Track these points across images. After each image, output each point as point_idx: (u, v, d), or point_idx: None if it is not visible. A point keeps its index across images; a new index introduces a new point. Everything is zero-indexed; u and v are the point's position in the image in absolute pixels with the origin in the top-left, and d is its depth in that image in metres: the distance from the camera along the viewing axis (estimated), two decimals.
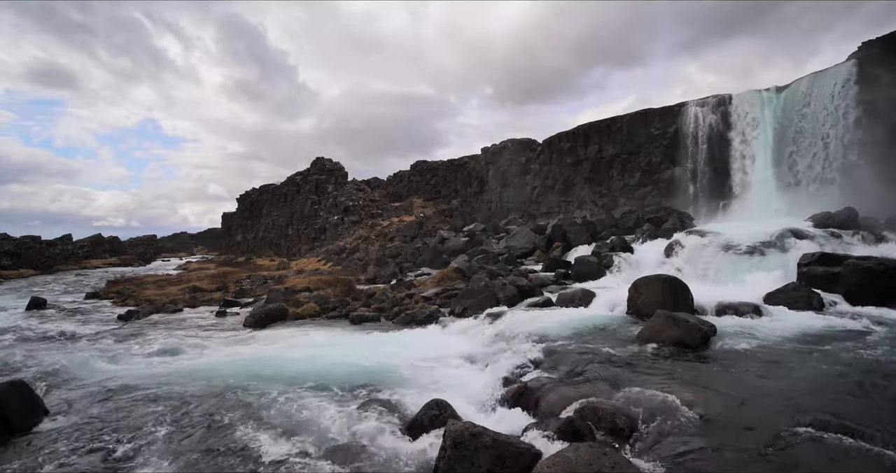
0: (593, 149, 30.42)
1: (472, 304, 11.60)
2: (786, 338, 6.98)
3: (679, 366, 5.89)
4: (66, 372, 8.45)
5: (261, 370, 7.72)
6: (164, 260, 70.08)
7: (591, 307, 10.18)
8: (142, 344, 10.92)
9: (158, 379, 7.69)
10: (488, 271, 14.96)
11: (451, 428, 3.94)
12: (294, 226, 49.81)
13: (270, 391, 6.68)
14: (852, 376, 5.22)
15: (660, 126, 27.08)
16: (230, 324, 13.65)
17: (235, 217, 63.78)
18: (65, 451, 5.19)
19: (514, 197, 37.79)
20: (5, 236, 47.46)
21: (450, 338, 9.69)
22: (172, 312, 16.66)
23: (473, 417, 5.25)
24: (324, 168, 48.58)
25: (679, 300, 8.58)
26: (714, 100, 24.93)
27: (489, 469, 3.68)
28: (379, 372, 7.40)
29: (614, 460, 3.36)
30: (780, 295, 9.18)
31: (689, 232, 15.84)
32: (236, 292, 21.86)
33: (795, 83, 21.83)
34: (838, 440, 3.72)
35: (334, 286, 18.51)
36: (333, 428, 5.38)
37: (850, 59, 19.89)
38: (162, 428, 5.67)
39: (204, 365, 8.41)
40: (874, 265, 9.05)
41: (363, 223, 41.18)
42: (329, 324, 12.55)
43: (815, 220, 15.57)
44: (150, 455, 5.03)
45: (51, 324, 14.54)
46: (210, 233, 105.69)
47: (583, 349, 6.83)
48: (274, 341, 10.45)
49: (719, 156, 24.17)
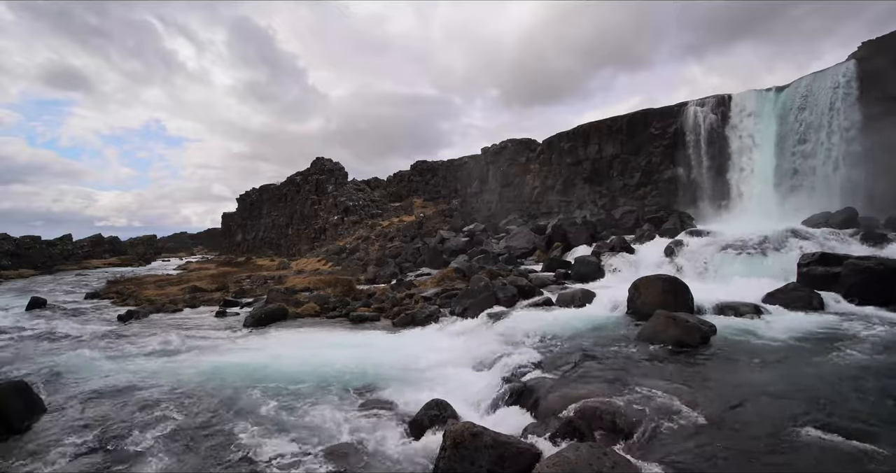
0: (593, 149, 30.42)
1: (472, 304, 11.59)
2: (786, 338, 6.98)
3: (679, 366, 5.89)
4: (66, 372, 8.46)
5: (260, 370, 7.73)
6: (165, 261, 70.05)
7: (591, 307, 10.17)
8: (141, 344, 10.92)
9: (158, 379, 7.69)
10: (488, 271, 14.95)
11: (451, 428, 3.94)
12: (294, 226, 49.81)
13: (270, 390, 6.68)
14: (852, 376, 5.22)
15: (660, 126, 27.07)
16: (230, 324, 13.64)
17: (235, 217, 63.78)
18: (64, 451, 5.19)
19: (514, 197, 37.77)
20: (5, 236, 47.48)
21: (450, 338, 9.68)
22: (172, 312, 16.67)
23: (473, 417, 5.25)
24: (324, 168, 48.57)
25: (679, 300, 8.57)
26: (714, 100, 24.92)
27: (489, 469, 3.68)
28: (379, 372, 7.40)
29: (614, 460, 3.36)
30: (780, 295, 9.17)
31: (689, 232, 15.86)
32: (236, 292, 21.86)
33: (795, 83, 21.83)
34: (838, 440, 3.72)
35: (334, 286, 18.50)
36: (333, 428, 5.38)
37: (849, 59, 19.89)
38: (161, 428, 5.67)
39: (204, 365, 8.41)
40: (874, 265, 9.04)
41: (363, 223, 41.17)
42: (329, 324, 12.55)
43: (814, 220, 15.58)
44: (149, 454, 5.03)
45: (51, 324, 14.53)
46: (210, 233, 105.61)
47: (583, 349, 6.82)
48: (274, 341, 10.45)
49: (719, 156, 24.16)
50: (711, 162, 24.57)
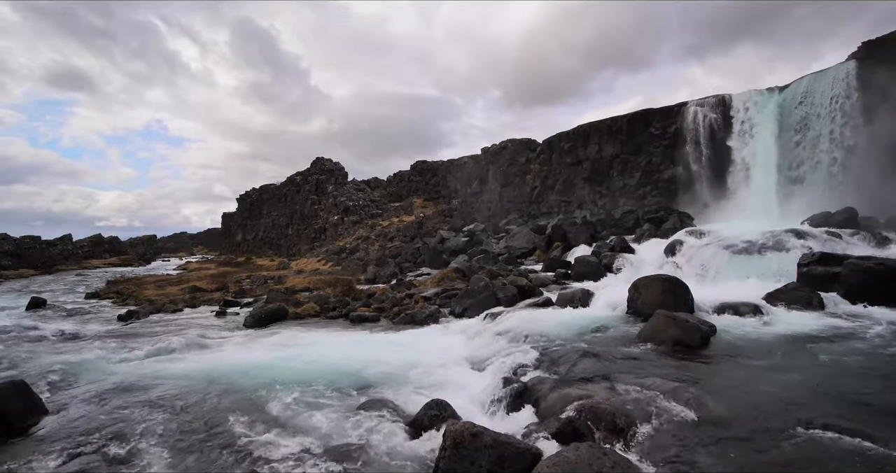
0: (593, 148, 30.42)
1: (472, 304, 11.59)
2: (786, 338, 6.98)
3: (679, 366, 5.89)
4: (66, 372, 8.45)
5: (260, 370, 7.72)
6: (164, 260, 70.09)
7: (591, 307, 10.17)
8: (141, 344, 10.92)
9: (158, 379, 7.68)
10: (488, 271, 14.94)
11: (451, 428, 3.94)
12: (294, 226, 49.82)
13: (270, 390, 6.67)
14: (852, 376, 5.22)
15: (660, 126, 27.08)
16: (230, 324, 13.64)
17: (235, 217, 63.79)
18: (64, 451, 5.18)
19: (514, 197, 37.77)
20: (5, 236, 47.50)
21: (450, 338, 9.68)
22: (172, 312, 16.66)
23: (473, 417, 5.25)
24: (324, 168, 48.59)
25: (679, 300, 8.56)
26: (714, 100, 24.93)
27: (489, 469, 3.68)
28: (379, 371, 7.40)
29: (614, 460, 3.36)
30: (780, 295, 9.17)
31: (689, 232, 15.84)
32: (236, 292, 21.85)
33: (795, 83, 21.83)
34: (839, 440, 3.72)
35: (334, 286, 18.50)
36: (333, 428, 5.38)
37: (849, 58, 19.89)
38: (161, 428, 5.66)
39: (204, 365, 8.41)
40: (874, 265, 9.04)
41: (363, 223, 41.18)
42: (329, 324, 12.55)
43: (814, 220, 15.57)
44: (149, 455, 5.02)
45: (51, 324, 14.53)
46: (210, 233, 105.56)
47: (583, 349, 6.82)
48: (274, 341, 10.44)
49: (719, 156, 24.17)
50: (711, 161, 24.58)
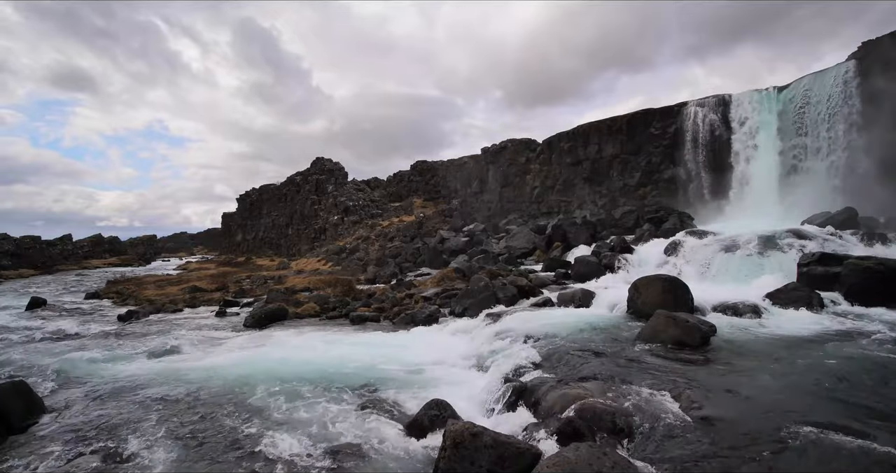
0: (593, 148, 30.42)
1: (472, 304, 11.59)
2: (785, 338, 6.98)
3: (679, 366, 5.89)
4: (66, 372, 8.46)
5: (260, 370, 7.73)
6: (164, 260, 70.10)
7: (591, 307, 10.18)
8: (141, 344, 10.93)
9: (158, 379, 7.69)
10: (488, 271, 14.95)
11: (451, 428, 3.94)
12: (294, 226, 49.81)
13: (270, 390, 6.68)
14: (853, 376, 5.22)
15: (660, 126, 27.07)
16: (230, 324, 13.65)
17: (235, 217, 63.74)
18: (64, 451, 5.19)
19: (514, 197, 37.77)
20: (5, 236, 47.50)
21: (450, 338, 9.69)
22: (172, 312, 16.68)
23: (473, 417, 5.25)
24: (324, 168, 48.57)
25: (679, 300, 8.57)
26: (714, 100, 24.93)
27: (489, 469, 3.68)
28: (379, 371, 7.41)
29: (614, 460, 3.36)
30: (780, 295, 9.17)
31: (690, 232, 15.84)
32: (236, 292, 21.86)
33: (795, 83, 21.83)
34: (839, 440, 3.72)
35: (334, 286, 18.50)
36: (333, 428, 5.38)
37: (850, 58, 19.89)
38: (161, 428, 5.67)
39: (204, 365, 8.41)
40: (874, 265, 9.04)
41: (363, 223, 41.17)
42: (329, 324, 12.56)
43: (814, 220, 15.57)
44: (149, 454, 5.03)
45: (51, 324, 14.54)
46: (210, 233, 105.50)
47: (583, 349, 6.82)
48: (274, 341, 10.45)
49: (719, 156, 24.18)
50: (711, 161, 24.58)
